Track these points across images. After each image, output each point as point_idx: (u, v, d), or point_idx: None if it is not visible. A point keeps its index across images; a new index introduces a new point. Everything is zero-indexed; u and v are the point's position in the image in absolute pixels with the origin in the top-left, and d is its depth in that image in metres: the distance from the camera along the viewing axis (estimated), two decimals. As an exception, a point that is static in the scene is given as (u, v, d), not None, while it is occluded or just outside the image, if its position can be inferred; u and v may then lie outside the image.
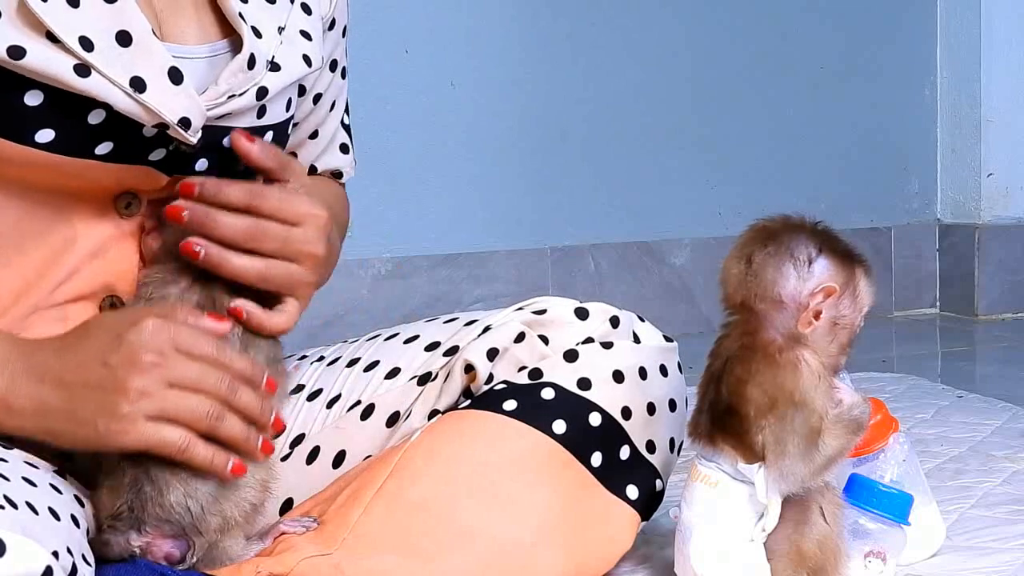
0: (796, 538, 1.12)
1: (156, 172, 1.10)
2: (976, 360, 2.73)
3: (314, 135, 1.32)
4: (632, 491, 1.21)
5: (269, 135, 1.16)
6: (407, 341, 1.27)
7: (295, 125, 1.27)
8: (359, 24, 2.54)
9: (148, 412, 1.00)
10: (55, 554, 0.91)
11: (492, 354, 1.22)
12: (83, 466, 1.10)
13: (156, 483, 1.04)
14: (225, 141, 1.12)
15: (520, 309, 1.25)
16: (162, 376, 1.01)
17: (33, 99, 1.01)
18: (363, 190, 1.40)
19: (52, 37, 1.00)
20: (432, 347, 1.25)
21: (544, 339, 1.23)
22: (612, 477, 1.20)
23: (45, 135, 1.03)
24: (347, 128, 1.38)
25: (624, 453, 1.21)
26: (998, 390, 2.21)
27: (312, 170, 1.34)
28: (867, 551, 1.24)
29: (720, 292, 1.12)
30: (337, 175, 1.37)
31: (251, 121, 1.13)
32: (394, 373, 1.25)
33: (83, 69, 1.01)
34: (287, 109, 1.18)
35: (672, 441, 1.25)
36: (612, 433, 1.20)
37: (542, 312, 1.25)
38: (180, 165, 1.10)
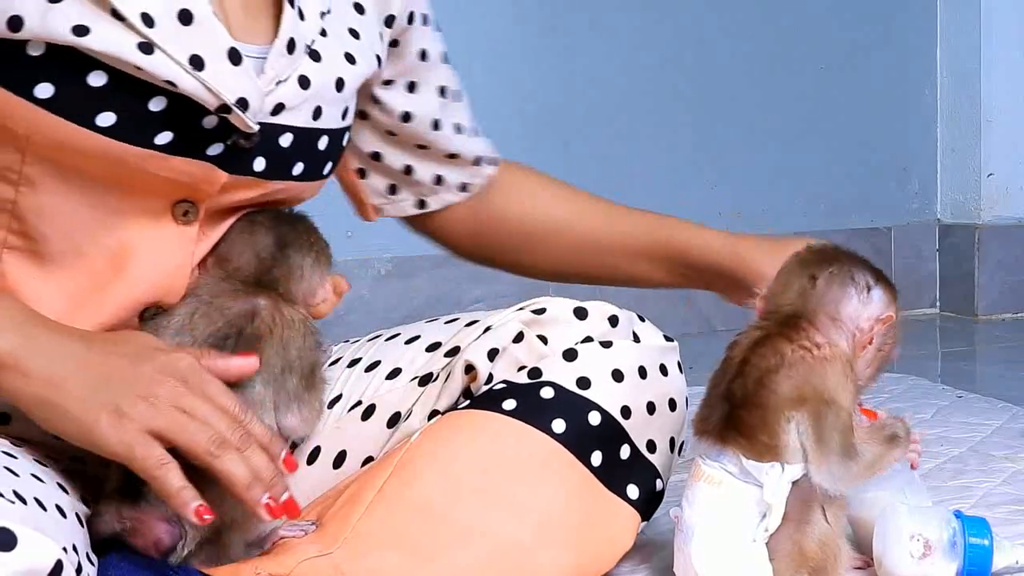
0: (798, 537, 1.12)
1: (214, 168, 1.09)
2: (976, 360, 2.72)
3: (436, 126, 1.39)
4: (632, 491, 1.21)
5: (324, 140, 1.16)
6: (408, 341, 1.28)
7: (407, 119, 1.32)
8: (359, 24, 2.56)
9: (151, 426, 0.97)
10: (63, 550, 0.92)
11: (492, 354, 1.22)
12: (96, 461, 1.10)
13: None
14: (282, 141, 1.12)
15: (520, 309, 1.25)
16: (178, 399, 0.99)
17: (97, 80, 1.01)
18: (364, 190, 1.39)
19: (116, 15, 1.00)
20: (433, 347, 1.25)
21: (543, 339, 1.23)
22: (612, 476, 1.20)
23: (106, 118, 1.02)
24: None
25: (624, 452, 1.21)
26: (998, 390, 2.20)
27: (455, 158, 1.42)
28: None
29: (768, 300, 1.15)
30: (490, 161, 1.46)
31: (306, 120, 1.13)
32: (395, 374, 1.25)
33: (147, 47, 1.01)
34: (343, 118, 1.18)
35: (672, 441, 1.25)
36: (612, 432, 1.20)
37: (541, 312, 1.25)
38: (238, 163, 1.10)
